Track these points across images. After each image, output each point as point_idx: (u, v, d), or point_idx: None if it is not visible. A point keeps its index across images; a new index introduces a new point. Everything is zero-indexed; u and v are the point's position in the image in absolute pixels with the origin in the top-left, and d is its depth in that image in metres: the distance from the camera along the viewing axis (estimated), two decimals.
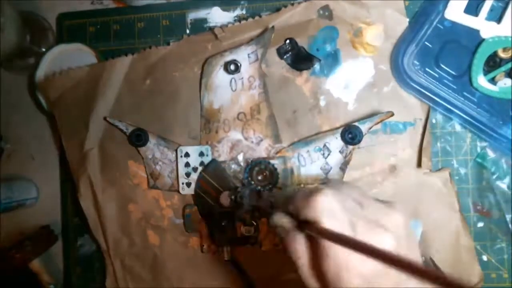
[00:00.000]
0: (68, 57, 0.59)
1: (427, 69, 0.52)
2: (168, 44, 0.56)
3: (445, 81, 0.52)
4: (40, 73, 0.59)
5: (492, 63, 0.50)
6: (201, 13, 0.58)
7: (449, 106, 0.51)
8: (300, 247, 0.31)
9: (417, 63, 0.52)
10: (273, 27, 0.52)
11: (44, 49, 0.61)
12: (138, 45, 0.59)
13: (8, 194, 0.58)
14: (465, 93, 0.51)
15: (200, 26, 0.58)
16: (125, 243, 0.57)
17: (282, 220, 0.34)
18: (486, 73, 0.51)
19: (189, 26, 0.59)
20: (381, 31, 0.52)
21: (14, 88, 0.63)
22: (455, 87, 0.51)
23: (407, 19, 0.52)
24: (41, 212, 0.62)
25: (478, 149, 0.53)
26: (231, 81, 0.53)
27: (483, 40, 0.50)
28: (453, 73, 0.52)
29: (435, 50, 0.52)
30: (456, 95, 0.51)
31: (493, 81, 0.51)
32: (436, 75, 0.52)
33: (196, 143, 0.54)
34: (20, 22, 0.57)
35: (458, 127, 0.54)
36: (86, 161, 0.56)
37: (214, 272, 0.56)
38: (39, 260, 0.59)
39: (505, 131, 0.51)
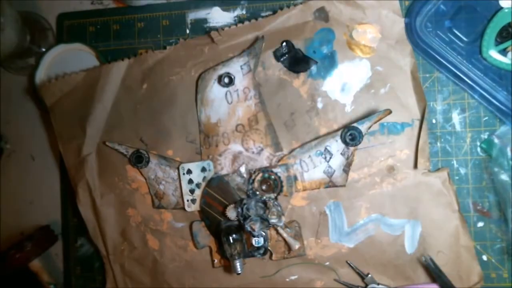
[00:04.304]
0: (68, 57, 0.59)
1: (438, 32, 0.52)
2: (165, 48, 0.56)
3: (455, 46, 0.52)
4: (40, 73, 0.59)
5: (505, 34, 0.51)
6: (201, 13, 0.58)
7: (455, 70, 0.52)
8: None
9: (430, 25, 0.52)
10: (263, 36, 0.52)
11: (44, 49, 0.61)
12: (138, 45, 0.59)
13: None
14: (473, 60, 0.52)
15: (200, 26, 0.58)
16: (125, 247, 0.57)
17: None
18: (497, 43, 0.51)
19: (189, 26, 0.59)
20: (377, 32, 0.52)
21: (14, 88, 0.63)
22: (464, 53, 0.52)
23: (403, 19, 0.52)
24: (41, 212, 0.62)
25: (478, 149, 0.53)
26: (226, 94, 0.53)
27: (499, 9, 0.50)
28: (464, 39, 0.52)
29: (449, 13, 0.52)
30: (464, 61, 0.52)
31: (503, 52, 0.51)
32: (447, 39, 0.52)
33: (194, 146, 0.54)
34: (20, 22, 0.57)
35: (458, 127, 0.54)
36: (84, 167, 0.56)
37: (213, 276, 0.56)
38: (39, 260, 0.59)
39: (507, 100, 0.51)
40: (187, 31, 0.59)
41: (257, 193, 0.52)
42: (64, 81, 0.57)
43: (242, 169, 0.53)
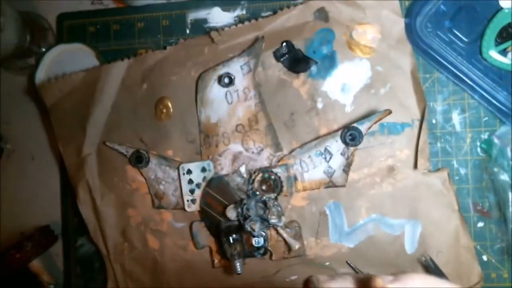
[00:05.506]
0: (68, 57, 0.59)
1: (438, 32, 0.52)
2: (165, 48, 0.56)
3: (455, 46, 0.52)
4: (40, 74, 0.59)
5: (505, 34, 0.51)
6: (201, 13, 0.58)
7: (455, 71, 0.52)
8: None
9: (430, 25, 0.52)
10: (263, 36, 0.52)
11: (44, 49, 0.61)
12: (138, 45, 0.59)
13: None
14: (473, 61, 0.52)
15: (200, 26, 0.58)
16: (125, 247, 0.57)
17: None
18: (497, 43, 0.51)
19: (189, 26, 0.59)
20: (377, 32, 0.52)
21: (14, 88, 0.63)
22: (464, 53, 0.52)
23: (403, 19, 0.52)
24: (41, 212, 0.62)
25: (478, 150, 0.53)
26: (226, 94, 0.53)
27: (499, 9, 0.50)
28: (465, 39, 0.52)
29: (449, 13, 0.52)
30: (464, 61, 0.52)
31: (503, 52, 0.51)
32: (447, 39, 0.52)
33: (194, 146, 0.54)
34: (20, 22, 0.57)
35: (458, 127, 0.54)
36: (84, 167, 0.56)
37: (213, 276, 0.56)
38: (39, 260, 0.59)
39: (507, 100, 0.51)
40: (187, 31, 0.59)
41: (257, 193, 0.52)
42: (63, 82, 0.56)
43: (242, 169, 0.53)
